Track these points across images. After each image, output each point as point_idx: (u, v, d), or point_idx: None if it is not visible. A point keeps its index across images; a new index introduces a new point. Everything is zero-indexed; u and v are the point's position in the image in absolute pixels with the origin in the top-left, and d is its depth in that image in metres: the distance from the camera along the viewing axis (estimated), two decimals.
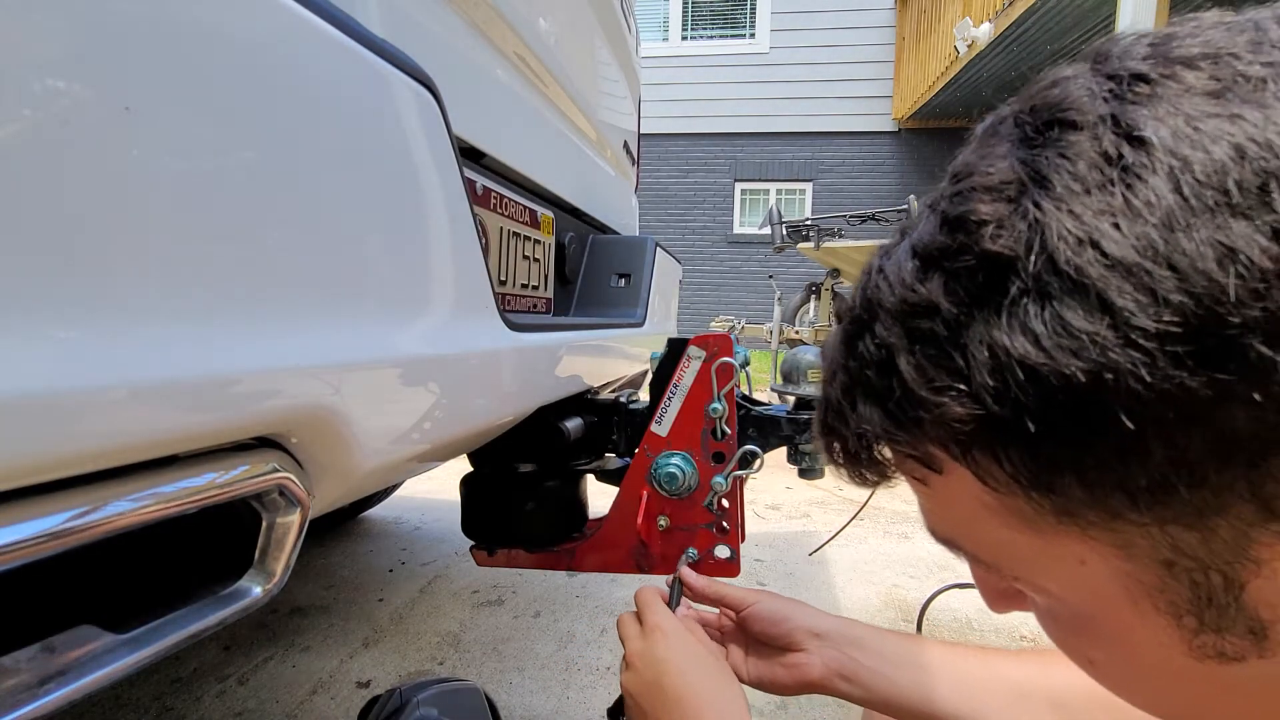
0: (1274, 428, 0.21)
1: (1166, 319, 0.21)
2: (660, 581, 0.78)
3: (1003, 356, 0.24)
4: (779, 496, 2.79)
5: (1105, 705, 0.56)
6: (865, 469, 0.32)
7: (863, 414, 0.30)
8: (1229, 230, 0.21)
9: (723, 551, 0.95)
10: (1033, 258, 0.24)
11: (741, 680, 0.68)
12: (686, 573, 0.74)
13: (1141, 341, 0.22)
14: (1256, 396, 0.21)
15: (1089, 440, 0.23)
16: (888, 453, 0.32)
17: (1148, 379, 0.22)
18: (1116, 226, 0.23)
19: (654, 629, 0.61)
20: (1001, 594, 0.35)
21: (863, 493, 0.40)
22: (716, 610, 0.73)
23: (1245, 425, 0.22)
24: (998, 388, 0.24)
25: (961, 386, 0.25)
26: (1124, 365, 0.22)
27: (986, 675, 0.61)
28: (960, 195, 0.27)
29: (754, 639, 0.69)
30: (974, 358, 0.25)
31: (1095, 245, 0.23)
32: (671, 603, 0.70)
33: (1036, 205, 0.24)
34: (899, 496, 2.84)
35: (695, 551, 0.95)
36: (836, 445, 0.33)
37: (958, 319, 0.25)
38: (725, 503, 0.93)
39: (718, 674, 0.58)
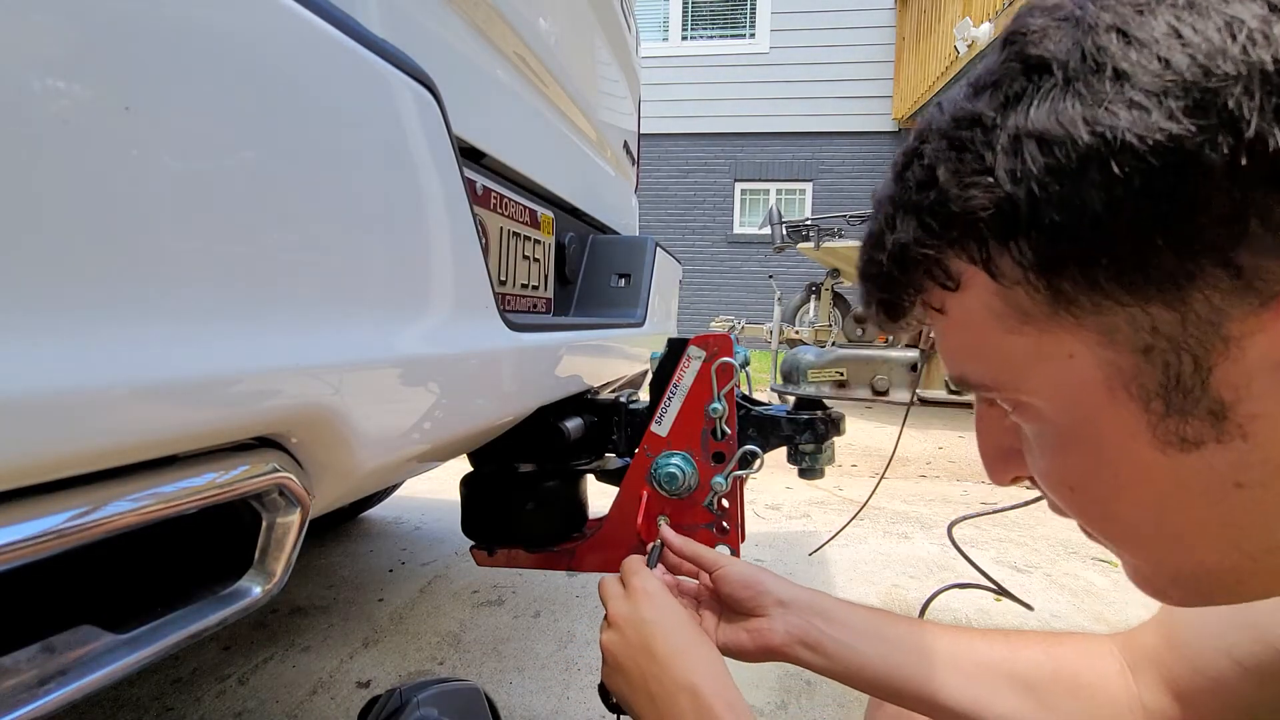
0: (1246, 187, 0.24)
1: (1168, 78, 0.25)
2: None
3: (1023, 137, 0.28)
4: (779, 496, 2.79)
5: (1069, 688, 0.56)
6: (897, 297, 0.36)
7: (900, 230, 0.33)
8: (1235, 7, 0.25)
9: (723, 551, 0.95)
10: (1067, 55, 0.28)
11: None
12: (666, 531, 0.74)
13: (1143, 100, 0.25)
14: (1228, 145, 0.24)
15: (1086, 211, 0.26)
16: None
17: (1142, 133, 0.25)
18: (1140, 12, 0.27)
19: (639, 591, 0.61)
20: (1002, 452, 0.38)
21: (863, 494, 0.41)
22: (695, 579, 0.74)
23: (1221, 182, 0.24)
24: (1013, 169, 0.28)
25: (988, 179, 0.29)
26: (1123, 123, 0.25)
27: (952, 650, 0.61)
28: (1018, 17, 0.31)
29: (725, 604, 0.69)
30: (1001, 148, 0.28)
31: (1122, 32, 0.26)
32: (649, 564, 0.70)
33: (1080, 10, 0.28)
34: (898, 497, 2.84)
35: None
36: (871, 276, 0.36)
37: (994, 121, 0.29)
38: (725, 503, 0.93)
39: (701, 637, 0.59)
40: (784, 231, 5.44)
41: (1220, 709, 0.49)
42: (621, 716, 0.62)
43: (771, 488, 2.87)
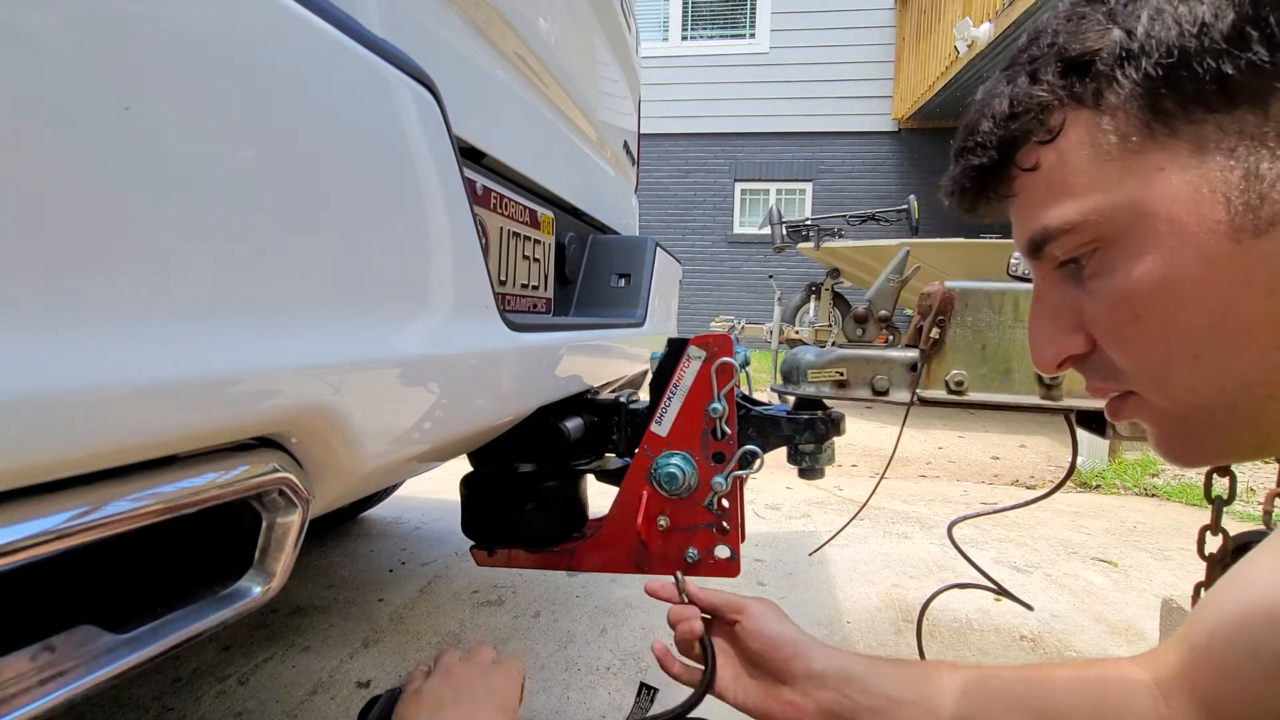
0: None
1: None
2: (659, 579, 0.78)
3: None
4: (779, 496, 2.79)
5: None
6: (994, 159, 0.40)
7: (1010, 91, 0.38)
8: None
9: (723, 551, 0.95)
10: None
11: (725, 700, 0.67)
12: (688, 583, 0.74)
13: None
14: None
15: (1197, 25, 0.32)
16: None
17: None
18: None
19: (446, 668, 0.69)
20: (1060, 328, 0.41)
21: (863, 494, 0.42)
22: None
23: None
24: (1133, 11, 0.34)
25: (1107, 26, 0.35)
26: None
27: (987, 697, 0.59)
28: None
29: (748, 656, 0.67)
30: (1118, 5, 0.35)
31: None
32: (679, 596, 0.71)
33: None
34: (898, 497, 2.84)
35: (695, 551, 0.95)
36: (968, 149, 0.41)
37: None
38: (725, 503, 0.93)
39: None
40: (784, 231, 5.44)
41: (1252, 713, 0.48)
42: None
43: (771, 488, 2.87)
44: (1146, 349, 0.38)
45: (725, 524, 0.94)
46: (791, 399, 1.05)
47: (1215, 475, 1.07)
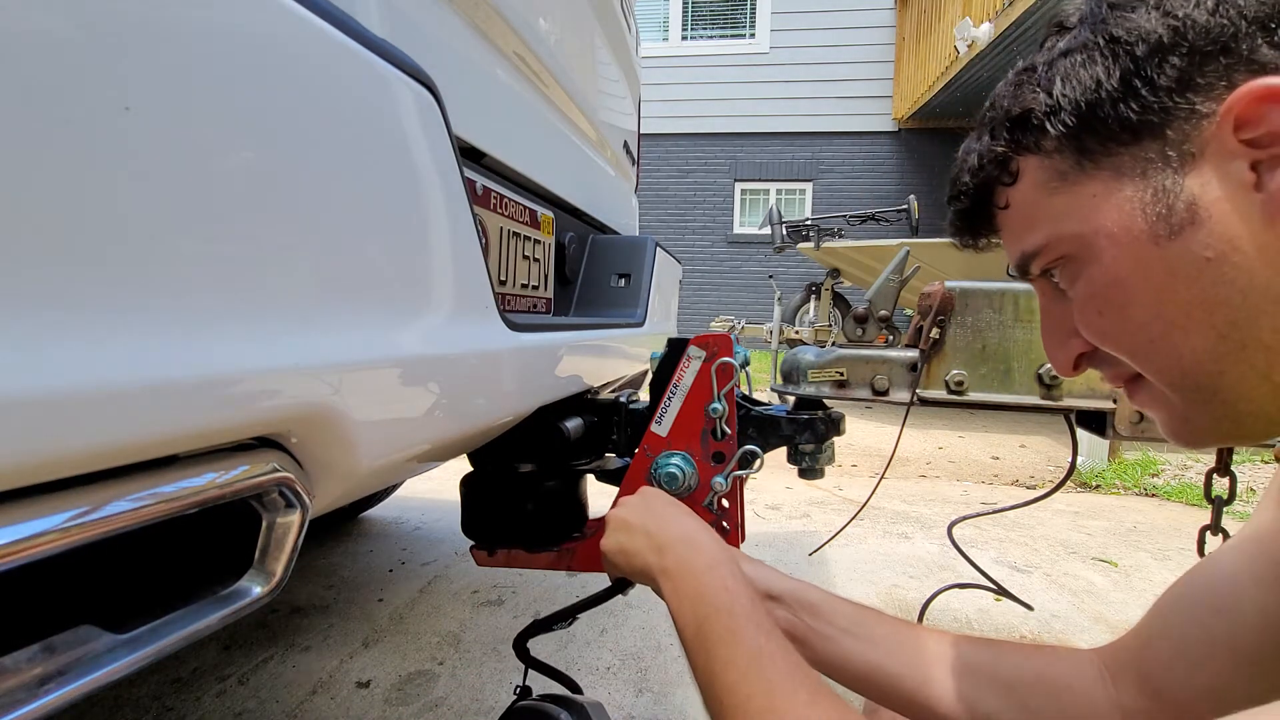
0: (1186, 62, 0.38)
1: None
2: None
3: (1056, 59, 0.43)
4: (779, 496, 2.79)
5: (1050, 691, 0.58)
6: (974, 204, 0.49)
7: (978, 147, 0.48)
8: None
9: None
10: (1085, 11, 0.44)
11: None
12: None
13: (1133, 14, 0.40)
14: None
15: (1099, 88, 0.41)
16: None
17: (1132, 32, 0.40)
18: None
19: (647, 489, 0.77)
20: (1065, 334, 0.49)
21: (863, 494, 0.43)
22: None
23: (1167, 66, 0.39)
24: (1050, 75, 0.43)
25: (1038, 90, 0.44)
26: (1120, 28, 0.40)
27: (937, 651, 0.63)
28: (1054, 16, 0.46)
29: None
30: (1042, 70, 0.44)
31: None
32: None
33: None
34: (898, 497, 2.84)
35: None
36: (955, 196, 0.50)
37: (1036, 62, 0.45)
38: (725, 503, 0.93)
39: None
40: (784, 231, 5.44)
41: (1202, 694, 0.51)
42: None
43: (771, 488, 2.87)
44: (1119, 338, 0.45)
45: (725, 524, 0.93)
46: (791, 399, 1.05)
47: (1215, 475, 1.07)
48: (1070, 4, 0.46)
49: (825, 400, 1.03)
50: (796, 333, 4.98)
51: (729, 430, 0.91)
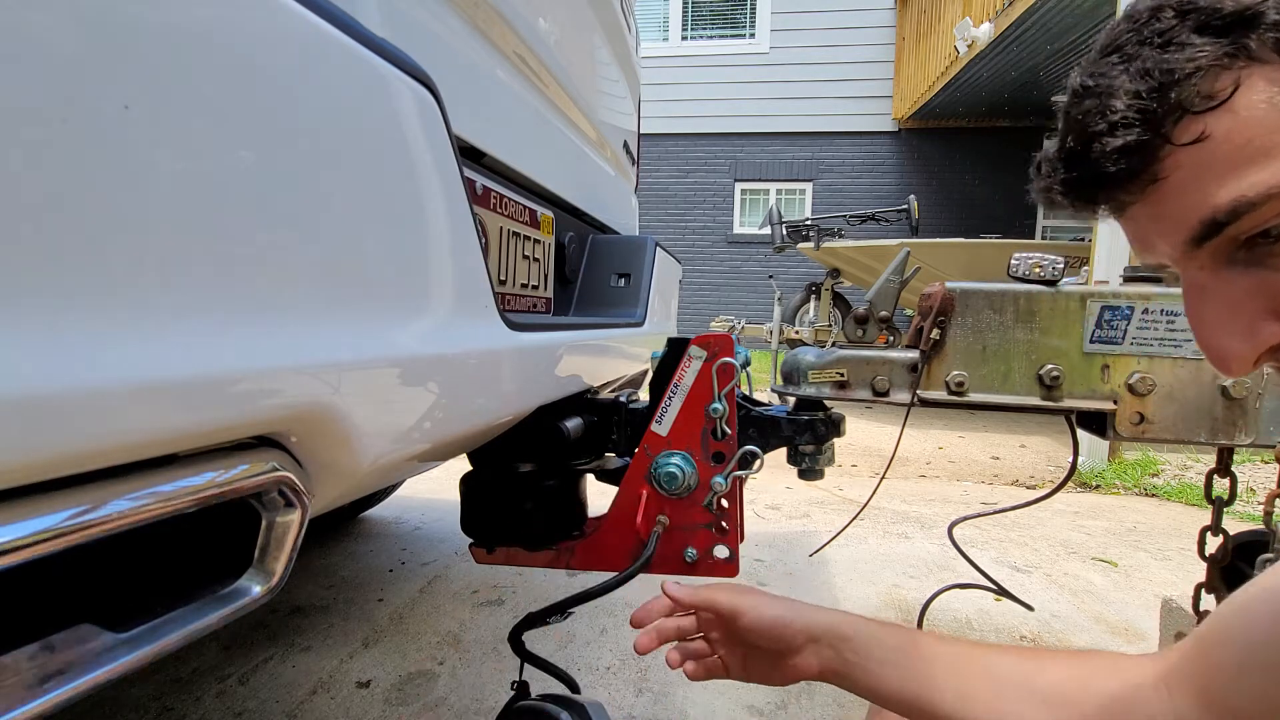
0: None
1: None
2: (658, 581, 0.78)
3: None
4: (779, 497, 2.79)
5: (1101, 703, 0.55)
6: (1141, 140, 0.36)
7: (1141, 66, 0.36)
8: None
9: (722, 551, 0.95)
10: None
11: (736, 677, 0.72)
12: (671, 588, 0.74)
13: None
14: None
15: None
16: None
17: None
18: None
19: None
20: (1246, 316, 0.37)
21: (863, 494, 0.41)
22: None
23: None
24: None
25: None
26: None
27: (976, 667, 0.61)
28: None
29: (753, 642, 0.70)
30: None
31: None
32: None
33: None
34: (898, 497, 2.84)
35: (694, 551, 0.94)
36: (1098, 134, 0.37)
37: None
38: (725, 503, 0.93)
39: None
40: (784, 231, 5.44)
41: (1262, 710, 0.47)
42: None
43: (772, 488, 2.87)
44: None
45: (724, 524, 0.94)
46: (792, 400, 1.05)
47: (1215, 476, 1.07)
48: None
49: (825, 401, 1.03)
50: (796, 333, 4.98)
51: (729, 430, 0.91)
